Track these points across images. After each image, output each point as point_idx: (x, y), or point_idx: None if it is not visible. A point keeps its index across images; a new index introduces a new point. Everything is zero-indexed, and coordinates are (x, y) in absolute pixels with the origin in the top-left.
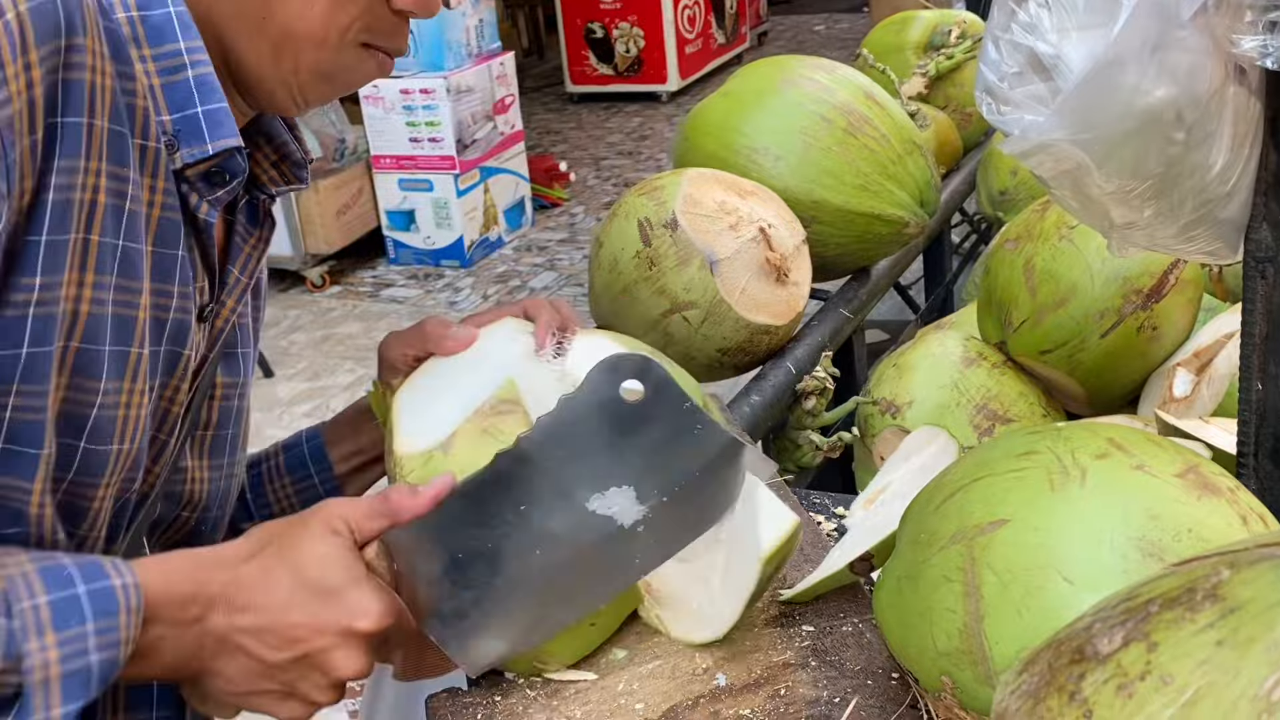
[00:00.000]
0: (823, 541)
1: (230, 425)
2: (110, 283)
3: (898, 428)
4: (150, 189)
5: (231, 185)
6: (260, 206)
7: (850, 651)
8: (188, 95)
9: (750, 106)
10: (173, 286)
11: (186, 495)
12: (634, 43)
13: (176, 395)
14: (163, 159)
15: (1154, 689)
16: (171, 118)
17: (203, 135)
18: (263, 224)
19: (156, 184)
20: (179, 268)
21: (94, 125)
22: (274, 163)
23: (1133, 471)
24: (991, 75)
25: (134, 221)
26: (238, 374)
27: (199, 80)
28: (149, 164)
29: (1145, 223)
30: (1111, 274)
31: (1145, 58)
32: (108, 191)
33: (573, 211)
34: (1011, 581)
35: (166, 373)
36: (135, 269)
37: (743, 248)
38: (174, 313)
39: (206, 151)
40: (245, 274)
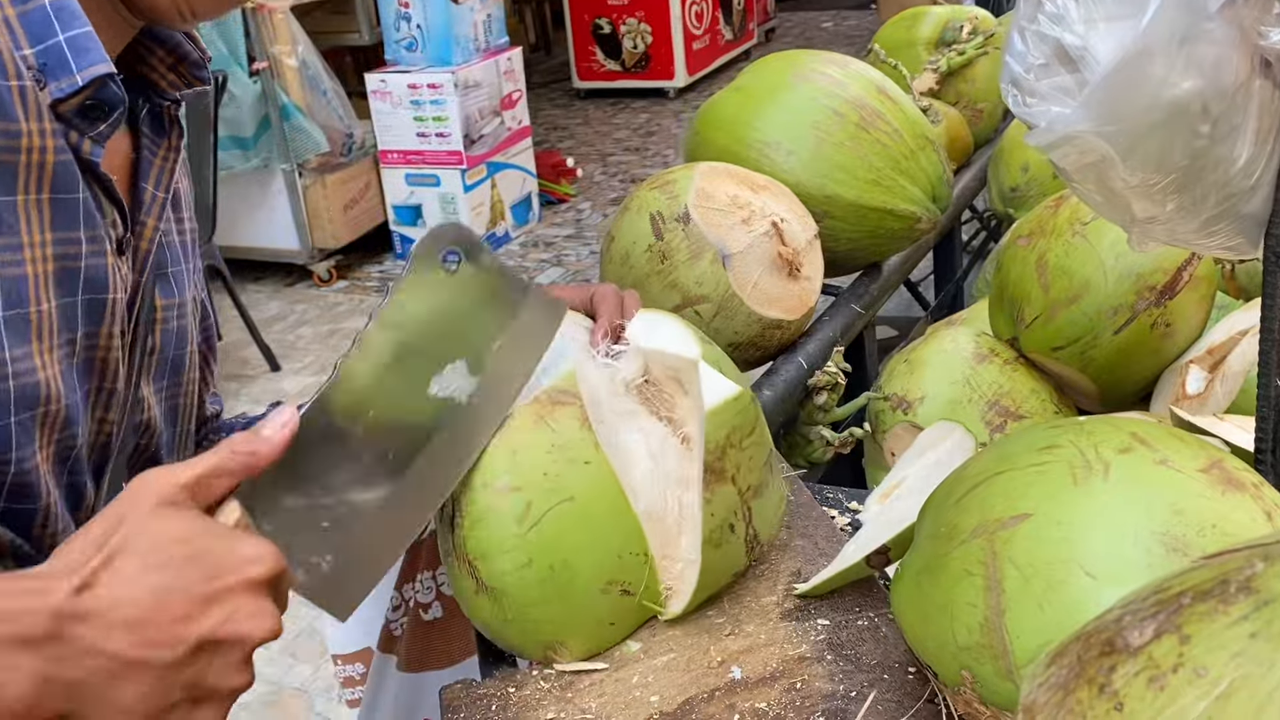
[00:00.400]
0: (837, 536)
1: (173, 347)
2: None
3: (909, 423)
4: (39, 134)
5: (113, 118)
6: (165, 113)
7: (866, 646)
8: (46, 23)
9: (763, 101)
10: (79, 232)
11: (144, 423)
12: (641, 39)
13: (111, 341)
14: (36, 97)
15: (1187, 681)
16: (34, 50)
17: (69, 65)
18: (170, 132)
19: (43, 126)
20: (82, 211)
21: None
22: (170, 66)
23: (1156, 466)
24: (1017, 67)
25: (4, 173)
26: (173, 294)
27: (55, 6)
28: (30, 106)
29: (1167, 217)
30: (1125, 270)
31: (1173, 50)
32: None
33: (579, 207)
34: (1033, 575)
35: (91, 322)
36: (8, 225)
37: (755, 242)
38: (86, 259)
39: (76, 84)
40: (161, 188)
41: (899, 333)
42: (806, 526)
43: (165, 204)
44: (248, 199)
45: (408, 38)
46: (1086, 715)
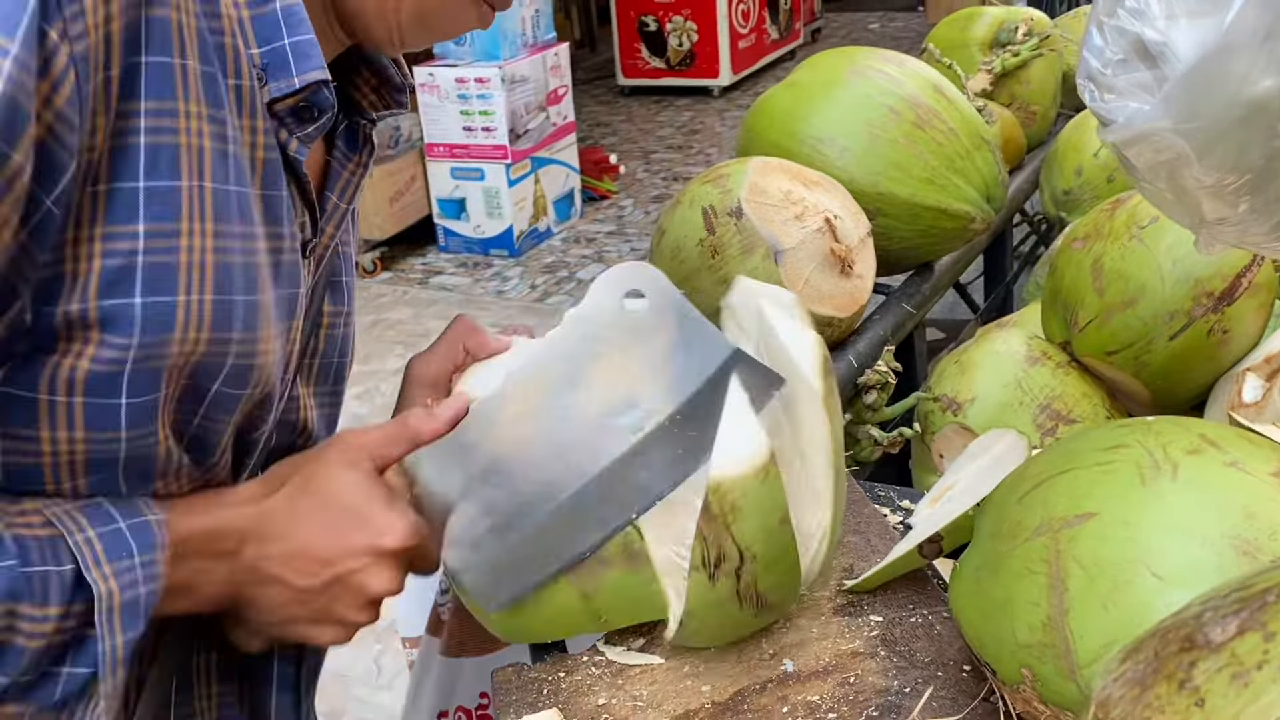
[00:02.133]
0: (889, 533)
1: (335, 354)
2: (235, 230)
3: (959, 425)
4: (251, 130)
5: (321, 121)
6: (360, 131)
7: (920, 643)
8: (275, 27)
9: (817, 97)
10: (283, 228)
11: (300, 423)
12: (687, 36)
13: (294, 334)
14: (257, 96)
15: (1272, 679)
16: (260, 50)
17: (289, 68)
18: (362, 149)
19: (256, 124)
20: (285, 207)
21: (186, 66)
22: (373, 87)
23: (1226, 468)
24: (1095, 62)
25: (239, 165)
26: (343, 302)
27: (286, 11)
28: (245, 104)
29: (1238, 219)
30: (1182, 275)
31: (1255, 47)
32: (211, 136)
33: (621, 204)
34: (1098, 575)
35: (287, 315)
36: (248, 214)
37: (808, 238)
38: (286, 254)
39: (293, 85)
40: (344, 200)
41: (947, 335)
42: (859, 524)
43: (346, 215)
44: None
45: None
46: (1165, 710)
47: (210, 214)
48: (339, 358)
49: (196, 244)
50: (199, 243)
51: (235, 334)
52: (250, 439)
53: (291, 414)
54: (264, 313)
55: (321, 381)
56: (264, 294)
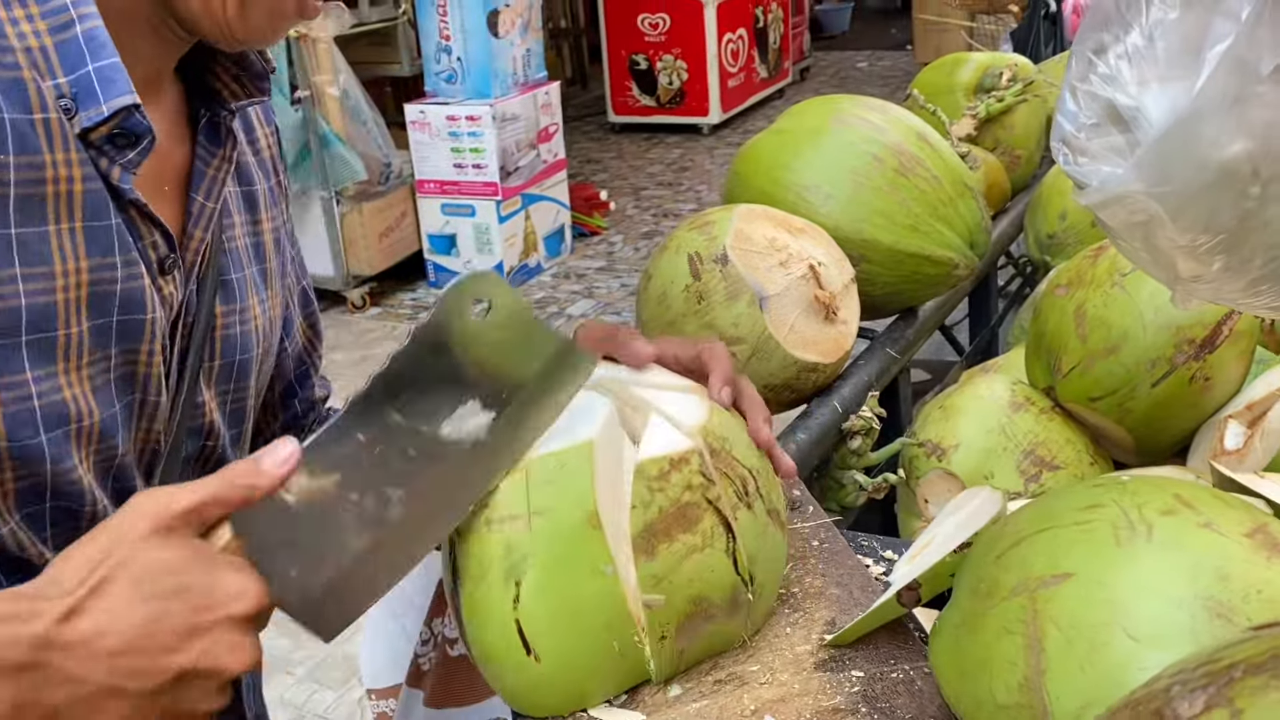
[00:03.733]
0: (872, 585)
1: (237, 352)
2: (14, 274)
3: (943, 470)
4: (64, 164)
5: (141, 146)
6: (221, 124)
7: (901, 699)
8: (79, 54)
9: (802, 144)
10: (114, 256)
11: (207, 426)
12: (677, 75)
13: (151, 358)
14: (67, 128)
15: None
16: (67, 79)
17: (96, 96)
18: (224, 143)
19: (70, 156)
20: (115, 236)
21: None
22: (234, 76)
23: (1200, 529)
24: (1069, 125)
25: (30, 205)
26: (235, 299)
27: (88, 35)
28: (56, 137)
29: (1213, 277)
30: (1164, 322)
31: (1225, 112)
32: None
33: (611, 240)
34: (1075, 637)
35: (126, 339)
36: (40, 254)
37: (792, 285)
38: (122, 283)
39: (103, 113)
40: (211, 199)
41: (933, 376)
42: (842, 576)
43: (215, 214)
44: None
45: (448, 70)
46: None
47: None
48: (240, 354)
49: None
50: None
51: (27, 374)
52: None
53: (197, 420)
54: (66, 348)
55: (223, 381)
56: (68, 329)
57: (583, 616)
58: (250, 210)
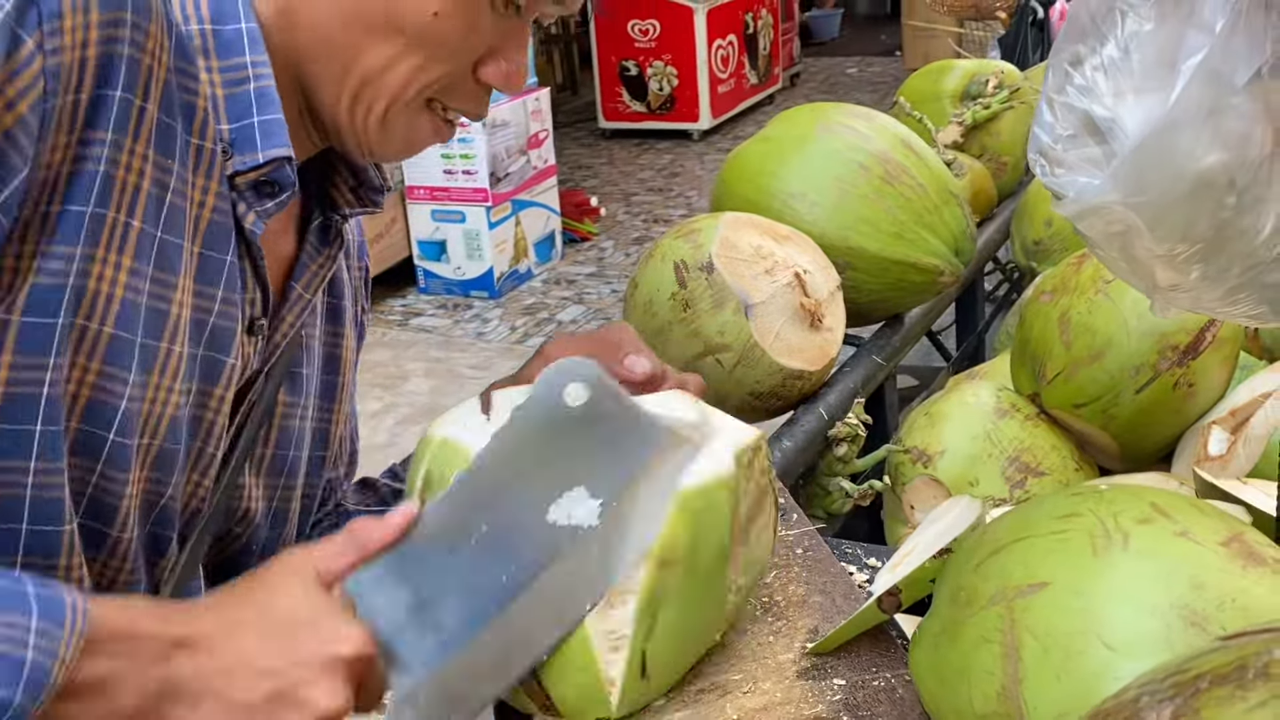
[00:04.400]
0: (855, 593)
1: (290, 447)
2: (147, 272)
3: (929, 477)
4: (202, 189)
5: (281, 198)
6: (333, 227)
7: (883, 707)
8: (247, 106)
9: (788, 152)
10: (217, 290)
11: (241, 510)
12: (668, 81)
13: (221, 405)
14: (218, 162)
15: None
16: (230, 126)
17: (255, 144)
18: (332, 243)
19: (210, 185)
20: (225, 273)
21: (144, 109)
22: (351, 187)
23: (1176, 538)
24: (1045, 137)
25: (175, 216)
26: (299, 394)
27: (259, 92)
28: (204, 164)
29: (1190, 285)
30: (1148, 329)
31: (1200, 123)
32: (152, 179)
33: (602, 246)
34: (1051, 645)
35: (206, 378)
36: (172, 264)
37: (778, 292)
38: (216, 317)
39: (257, 160)
40: (309, 290)
41: (920, 382)
42: (825, 584)
43: (308, 306)
44: None
45: None
46: None
47: (130, 250)
48: (293, 450)
49: (109, 274)
50: (110, 274)
51: (130, 374)
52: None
53: (235, 500)
54: (165, 362)
55: (271, 474)
56: (171, 344)
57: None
58: (333, 322)
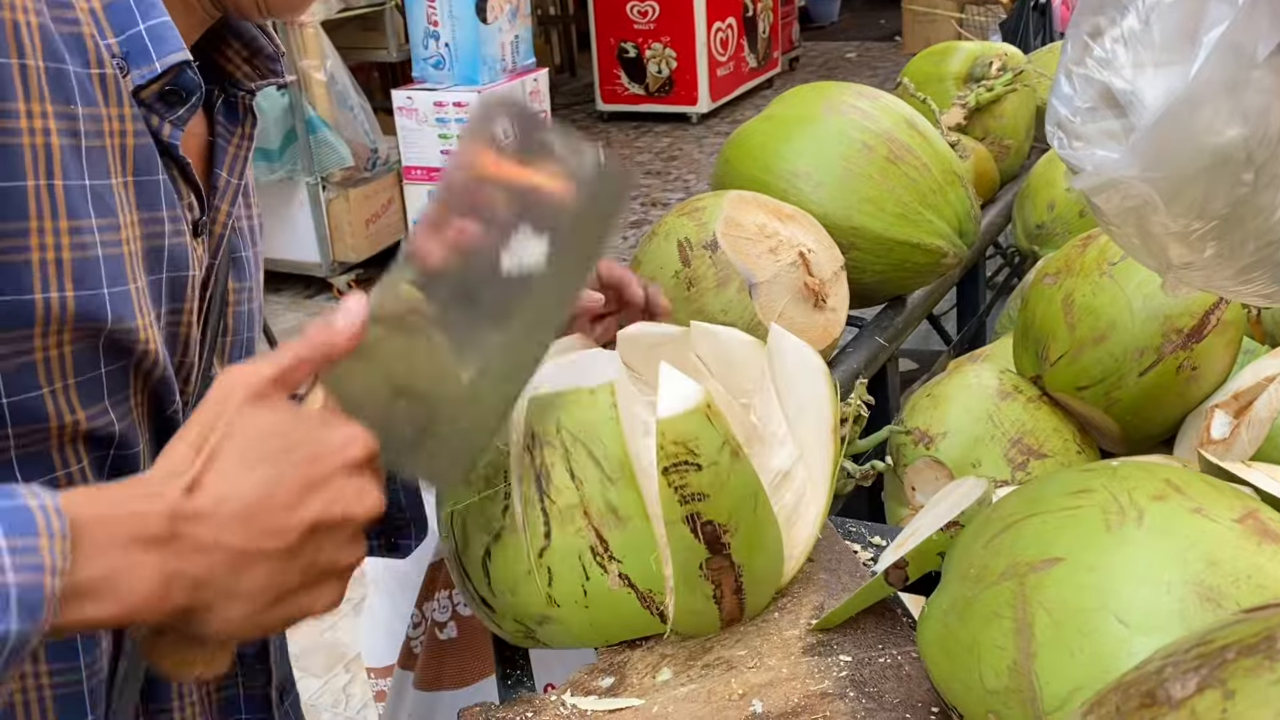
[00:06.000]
0: (860, 571)
1: (244, 330)
2: (90, 224)
3: (931, 458)
4: (118, 118)
5: (191, 102)
6: (239, 103)
7: (889, 684)
8: (128, 13)
9: (792, 131)
10: (161, 212)
11: None
12: (666, 63)
13: (191, 317)
14: (121, 85)
15: None
16: (117, 40)
17: (149, 54)
18: (244, 121)
19: (122, 111)
20: (163, 192)
21: (24, 65)
22: (245, 58)
23: (1191, 515)
24: (1063, 109)
25: (97, 157)
26: (244, 278)
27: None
28: (109, 91)
29: (1204, 263)
30: (1152, 312)
31: (1220, 97)
32: (60, 133)
33: None
34: (1065, 621)
35: (173, 299)
36: (109, 206)
37: (782, 271)
38: (169, 238)
39: (155, 70)
40: (234, 175)
41: (920, 366)
42: (830, 561)
43: (239, 190)
44: (271, 211)
45: (436, 56)
46: None
47: (64, 211)
48: (247, 333)
49: (49, 241)
50: (52, 240)
51: (108, 324)
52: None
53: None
54: (138, 301)
55: (235, 357)
56: (135, 282)
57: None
58: (245, 196)
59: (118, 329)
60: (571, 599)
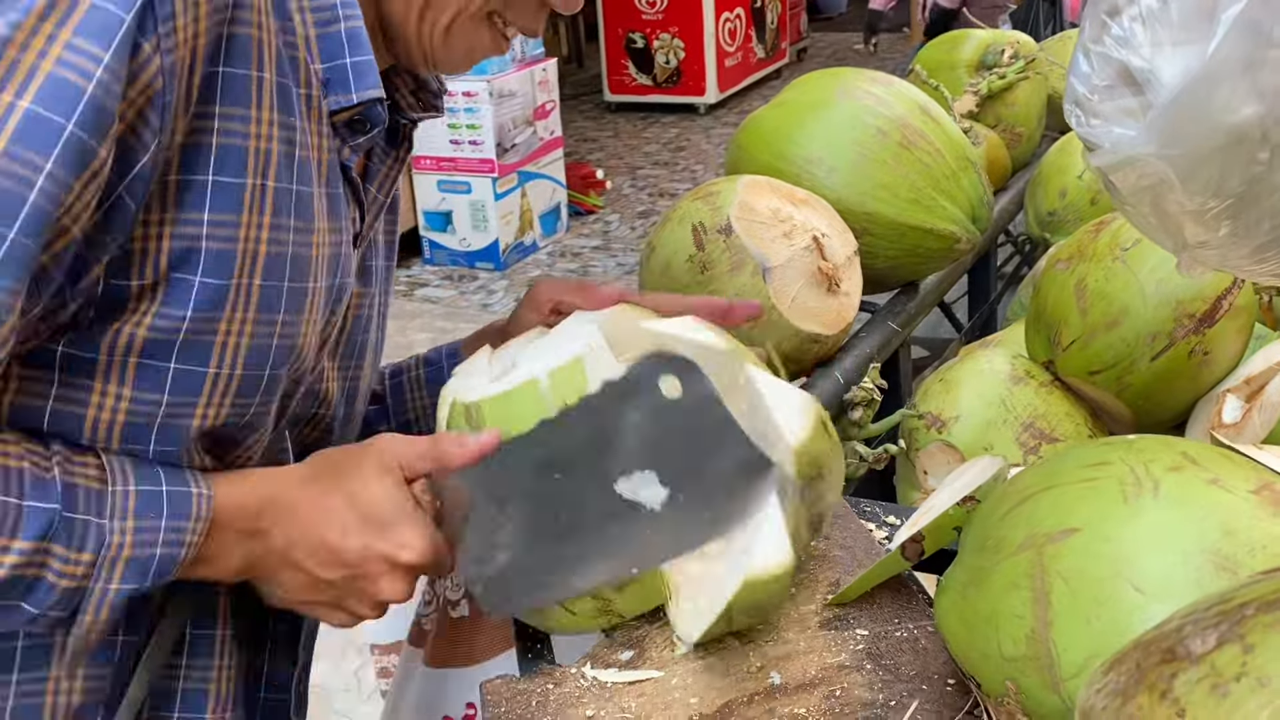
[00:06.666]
0: (875, 548)
1: (360, 332)
2: (289, 224)
3: (943, 442)
4: (317, 134)
5: (372, 133)
6: (401, 131)
7: (906, 656)
8: (339, 46)
9: (806, 117)
10: (340, 222)
11: (323, 393)
12: (674, 54)
13: (340, 321)
14: (321, 106)
15: (1250, 690)
16: (322, 66)
17: (349, 85)
18: (400, 145)
19: (321, 129)
20: (342, 205)
21: (261, 78)
22: (412, 90)
23: (1207, 486)
24: (1081, 87)
25: (304, 167)
26: (369, 284)
27: (350, 33)
28: (313, 110)
29: (1219, 243)
30: (1164, 297)
31: (1237, 76)
32: (279, 140)
33: (607, 219)
34: (1081, 589)
35: (335, 301)
36: (308, 211)
37: (795, 256)
38: (342, 247)
39: (351, 100)
40: (383, 193)
41: (931, 353)
42: (845, 539)
43: (384, 207)
44: None
45: None
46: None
47: (270, 209)
48: (361, 335)
49: (252, 235)
50: (254, 234)
51: (280, 316)
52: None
53: (317, 385)
54: (311, 299)
55: (345, 356)
56: (314, 282)
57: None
58: (392, 211)
59: (288, 321)
60: None
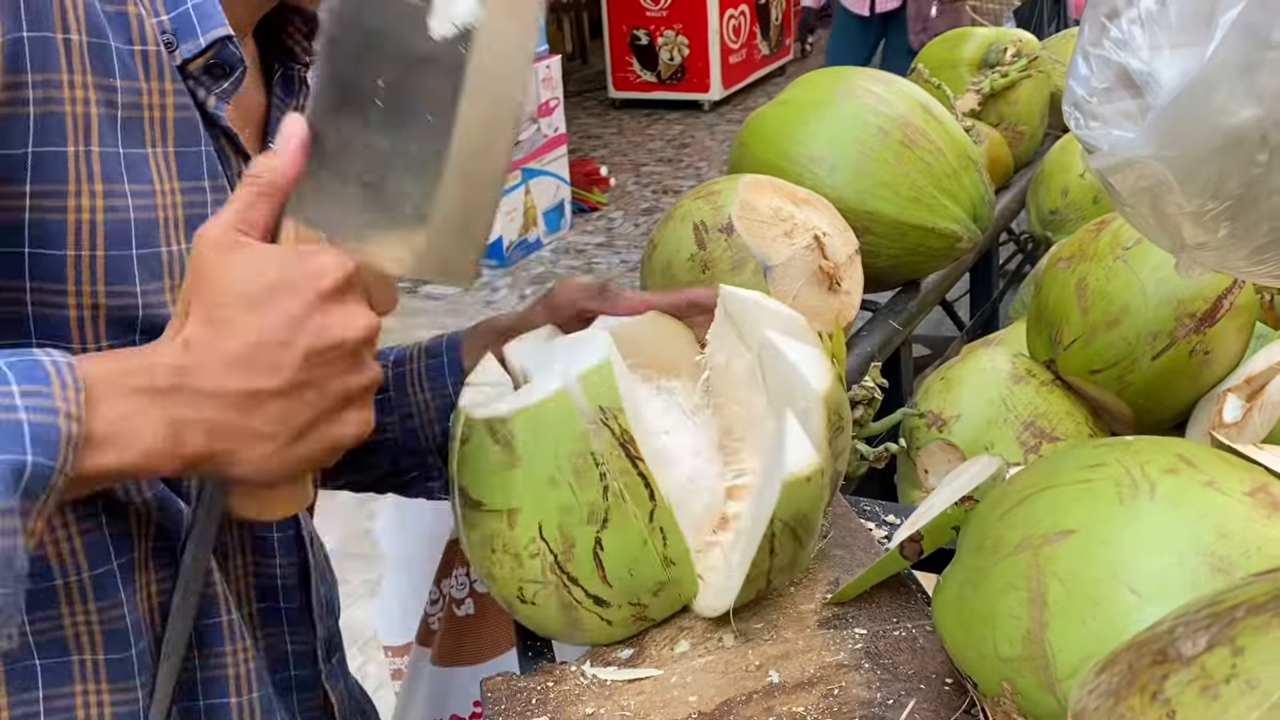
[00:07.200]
0: (875, 547)
1: None
2: (124, 189)
3: (944, 441)
4: (159, 92)
5: (234, 76)
6: (295, 76)
7: (904, 655)
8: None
9: (807, 115)
10: (204, 181)
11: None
12: (678, 50)
13: None
14: (165, 61)
15: (1239, 692)
16: (169, 16)
17: (195, 30)
18: (298, 93)
19: (164, 86)
20: (205, 163)
21: (68, 40)
22: (305, 34)
23: (1203, 488)
24: (1080, 90)
25: (133, 128)
26: None
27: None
28: (153, 68)
29: (1218, 244)
30: (1165, 296)
31: (1235, 78)
32: (99, 104)
33: (611, 216)
34: (1077, 591)
35: None
36: (143, 174)
37: (797, 255)
38: (212, 207)
39: (199, 45)
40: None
41: (933, 352)
42: (844, 537)
43: None
44: None
45: None
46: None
47: (99, 175)
48: None
49: (86, 203)
50: (88, 202)
51: (139, 286)
52: None
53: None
54: (167, 264)
55: None
56: (172, 245)
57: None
58: None
59: (150, 289)
60: (685, 555)
